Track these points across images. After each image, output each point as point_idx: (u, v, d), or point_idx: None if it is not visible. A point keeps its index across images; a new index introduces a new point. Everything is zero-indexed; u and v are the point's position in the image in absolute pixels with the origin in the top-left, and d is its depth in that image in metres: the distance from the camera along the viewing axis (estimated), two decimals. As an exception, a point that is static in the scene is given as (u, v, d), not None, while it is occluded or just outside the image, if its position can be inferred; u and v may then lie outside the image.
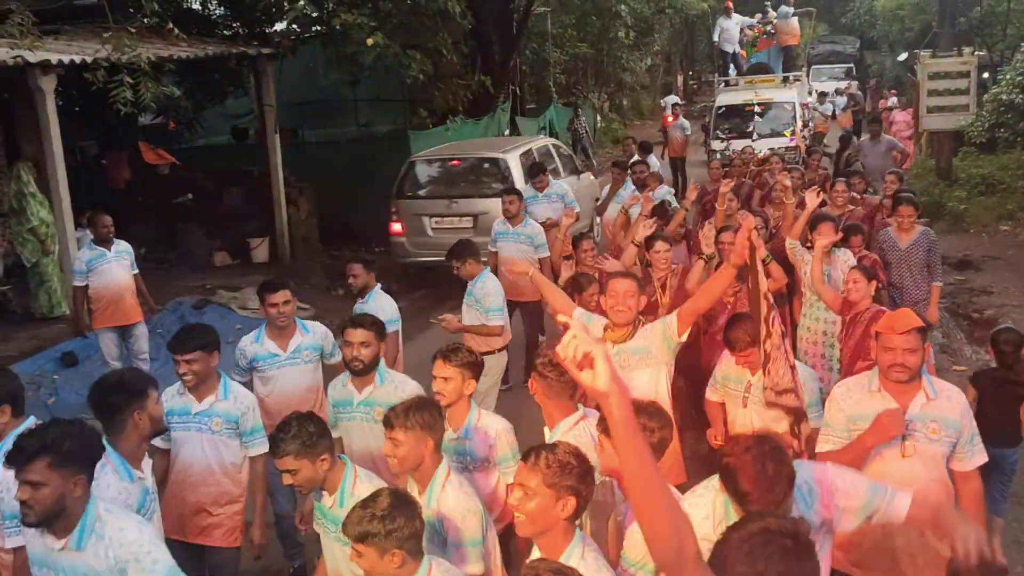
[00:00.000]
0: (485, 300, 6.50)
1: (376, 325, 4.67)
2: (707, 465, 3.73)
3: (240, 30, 13.61)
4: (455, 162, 12.13)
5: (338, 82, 14.64)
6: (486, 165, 11.85)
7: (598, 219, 11.39)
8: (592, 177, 14.95)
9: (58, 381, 8.68)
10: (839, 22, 38.91)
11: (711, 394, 5.11)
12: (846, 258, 6.54)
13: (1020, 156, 16.46)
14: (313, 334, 5.45)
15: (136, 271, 8.30)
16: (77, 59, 8.86)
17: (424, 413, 3.53)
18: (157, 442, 4.37)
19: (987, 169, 16.42)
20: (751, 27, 21.03)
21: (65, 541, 3.08)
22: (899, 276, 7.18)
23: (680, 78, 39.25)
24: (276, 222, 12.59)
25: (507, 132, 19.29)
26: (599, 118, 28.57)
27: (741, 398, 4.79)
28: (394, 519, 2.90)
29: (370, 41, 10.87)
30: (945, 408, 3.72)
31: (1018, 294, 10.45)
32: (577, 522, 3.04)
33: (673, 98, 27.15)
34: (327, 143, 16.18)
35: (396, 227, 11.80)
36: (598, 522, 3.79)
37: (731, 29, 20.42)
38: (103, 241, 7.99)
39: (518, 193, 8.54)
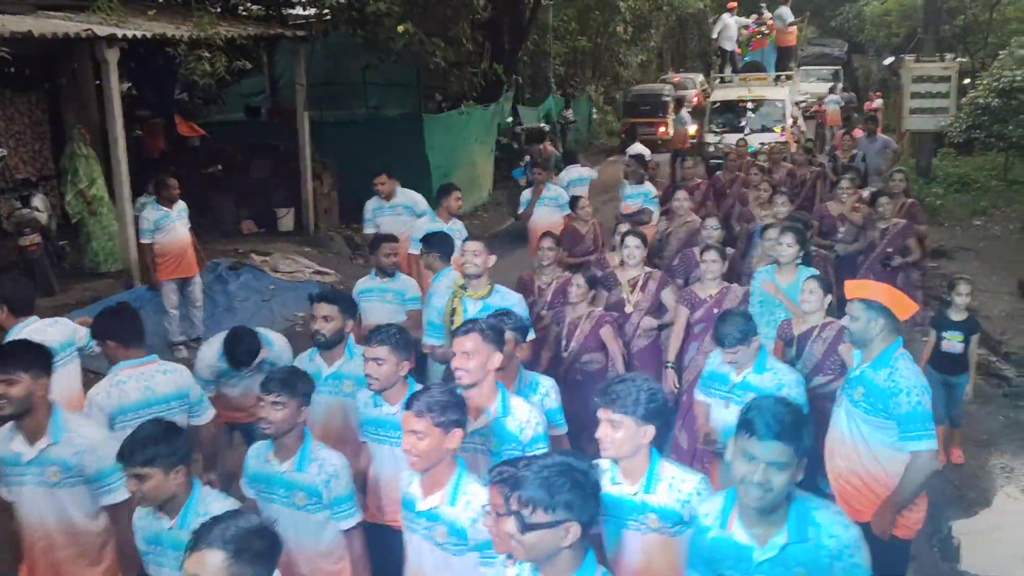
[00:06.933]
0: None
1: (342, 301, 4.65)
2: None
3: (258, 12, 14.33)
4: None
5: (357, 66, 15.40)
6: None
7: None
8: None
9: (116, 328, 9.49)
10: (828, 25, 39.84)
11: (699, 394, 5.04)
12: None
13: (995, 158, 17.55)
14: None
15: (188, 226, 9.10)
16: (139, 34, 9.67)
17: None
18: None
19: (964, 169, 17.55)
20: (746, 27, 21.95)
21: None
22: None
23: (671, 75, 40.19)
24: (302, 194, 13.41)
25: (510, 119, 20.17)
26: (594, 111, 29.49)
27: (724, 398, 4.78)
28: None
29: (400, 29, 11.68)
30: None
31: (986, 280, 11.44)
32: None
33: None
34: (341, 123, 16.94)
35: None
36: None
37: (732, 27, 21.29)
38: (168, 202, 8.81)
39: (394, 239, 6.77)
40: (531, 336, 5.25)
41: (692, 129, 20.13)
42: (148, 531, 3.45)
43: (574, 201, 8.95)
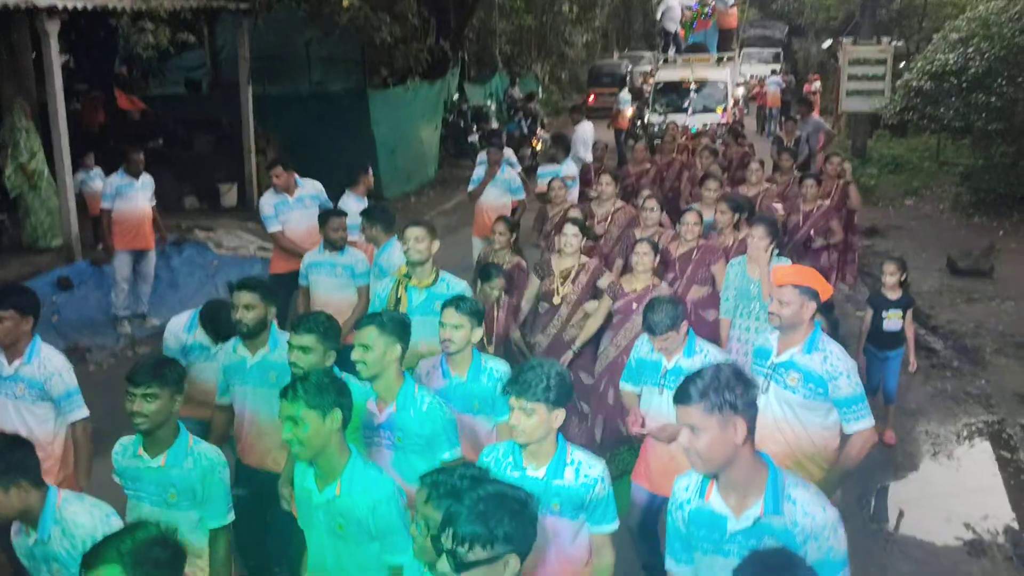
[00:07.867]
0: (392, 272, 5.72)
1: (263, 288, 4.47)
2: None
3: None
4: None
5: (301, 40, 15.24)
6: None
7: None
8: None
9: (57, 303, 9.38)
10: (769, 8, 40.36)
11: (627, 385, 4.92)
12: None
13: (927, 140, 18.10)
14: None
15: (153, 203, 9.12)
16: (80, 5, 9.50)
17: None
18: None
19: (898, 150, 18.10)
20: (690, 8, 22.22)
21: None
22: None
23: (616, 55, 40.37)
24: (245, 169, 13.29)
25: (456, 96, 20.13)
26: (540, 89, 29.53)
27: (658, 385, 4.66)
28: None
29: (345, 3, 11.62)
30: None
31: (916, 258, 11.86)
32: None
33: None
34: (285, 98, 16.72)
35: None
36: None
37: (675, 8, 21.50)
38: (134, 174, 8.78)
39: (342, 213, 6.68)
40: None
41: (629, 111, 20.03)
42: (23, 548, 3.30)
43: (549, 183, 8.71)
